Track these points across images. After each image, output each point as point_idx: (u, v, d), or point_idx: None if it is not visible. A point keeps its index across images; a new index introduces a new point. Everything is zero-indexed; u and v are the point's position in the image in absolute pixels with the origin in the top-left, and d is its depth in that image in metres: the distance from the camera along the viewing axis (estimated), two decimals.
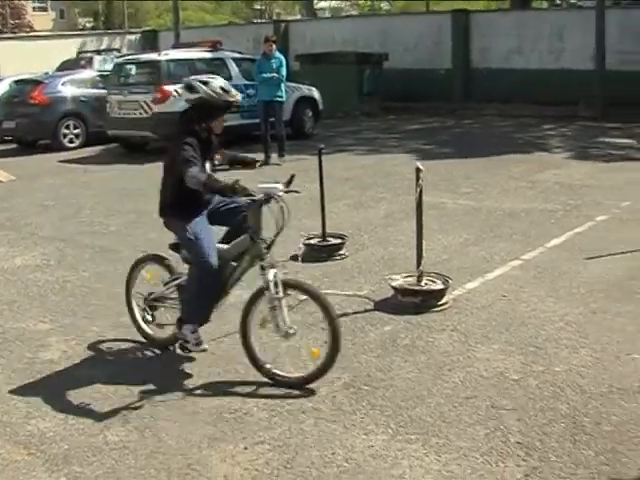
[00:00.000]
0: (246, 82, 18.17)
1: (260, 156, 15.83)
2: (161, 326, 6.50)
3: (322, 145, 9.31)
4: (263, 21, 58.60)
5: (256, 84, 16.50)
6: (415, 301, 7.20)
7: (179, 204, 6.08)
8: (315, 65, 24.75)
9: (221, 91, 5.89)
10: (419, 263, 7.33)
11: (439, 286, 7.36)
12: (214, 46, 19.17)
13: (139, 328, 6.63)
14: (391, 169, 14.75)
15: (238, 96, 5.98)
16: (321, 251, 8.94)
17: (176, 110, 17.14)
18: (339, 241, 9.18)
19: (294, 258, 8.31)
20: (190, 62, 18.26)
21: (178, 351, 6.26)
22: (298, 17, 57.68)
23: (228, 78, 18.23)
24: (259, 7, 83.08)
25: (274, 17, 65.71)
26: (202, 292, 5.89)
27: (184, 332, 5.99)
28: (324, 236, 9.15)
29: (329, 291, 7.38)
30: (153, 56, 18.55)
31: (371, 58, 25.28)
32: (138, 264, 6.80)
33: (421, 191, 7.28)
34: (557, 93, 23.66)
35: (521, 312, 7.06)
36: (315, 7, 60.55)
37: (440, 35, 27.06)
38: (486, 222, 10.47)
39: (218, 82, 5.95)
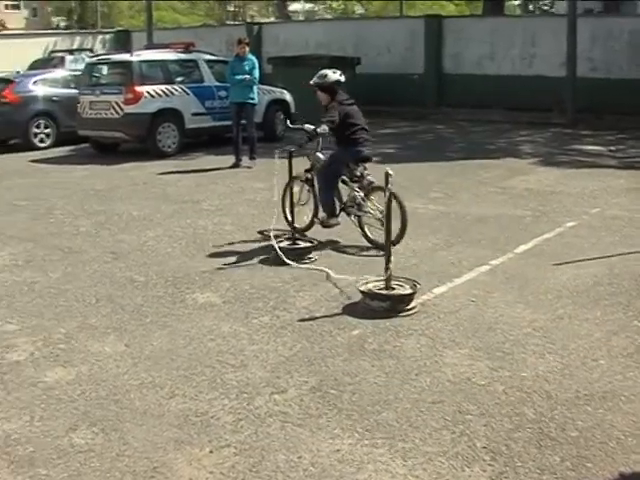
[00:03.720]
0: (218, 84, 18.24)
1: (231, 159, 15.88)
2: None
3: (292, 148, 9.30)
4: (236, 23, 58.51)
5: (228, 86, 16.44)
6: (383, 305, 7.21)
7: None
8: (288, 68, 24.66)
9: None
10: (387, 267, 7.33)
11: (407, 290, 7.36)
12: (187, 48, 19.11)
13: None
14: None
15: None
16: (292, 253, 8.91)
17: (148, 111, 17.33)
18: (308, 245, 9.18)
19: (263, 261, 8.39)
20: (163, 63, 18.24)
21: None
22: (272, 20, 57.62)
23: (200, 80, 18.30)
24: (233, 9, 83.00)
25: (247, 19, 65.62)
26: None
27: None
28: (294, 239, 9.14)
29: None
30: (125, 56, 18.43)
31: (344, 61, 25.26)
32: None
33: (390, 196, 7.30)
34: (529, 99, 23.80)
35: (489, 317, 7.08)
36: (288, 10, 60.64)
37: (413, 40, 27.12)
38: (455, 227, 10.50)
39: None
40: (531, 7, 72.22)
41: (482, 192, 12.81)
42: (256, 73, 16.05)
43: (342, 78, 9.49)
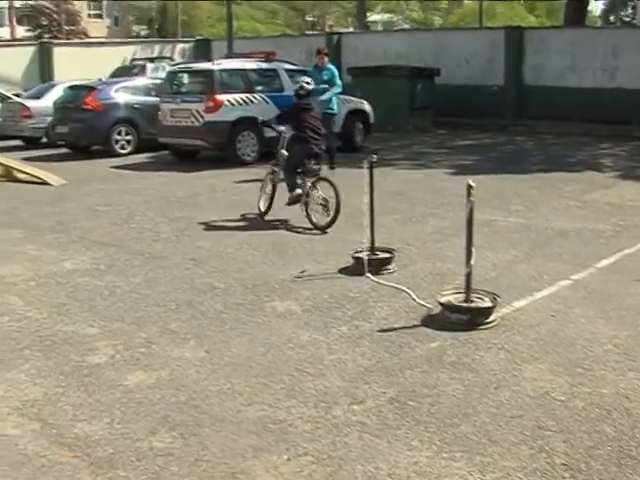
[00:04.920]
0: None
1: None
2: None
3: (374, 157, 9.29)
4: (316, 33, 58.84)
5: None
6: (463, 318, 7.19)
7: None
8: (367, 78, 24.75)
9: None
10: (468, 280, 7.31)
11: (487, 304, 7.33)
12: (268, 57, 19.25)
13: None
14: (441, 184, 14.74)
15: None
16: (371, 264, 8.92)
17: (228, 119, 17.50)
18: (387, 255, 9.18)
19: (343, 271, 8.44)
20: (243, 72, 18.41)
21: None
22: (351, 30, 57.76)
23: (280, 89, 18.37)
24: (311, 19, 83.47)
25: (327, 29, 65.89)
26: None
27: None
28: (372, 250, 9.15)
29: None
30: (206, 65, 18.70)
31: (423, 72, 25.24)
32: None
33: (472, 208, 7.27)
34: (611, 112, 23.49)
35: (569, 332, 7.01)
36: (367, 20, 60.78)
37: (493, 51, 26.96)
38: (536, 240, 10.42)
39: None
40: (612, 18, 71.36)
41: (562, 205, 12.67)
42: (337, 82, 16.11)
43: (307, 87, 12.07)
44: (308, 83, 12.20)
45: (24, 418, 5.54)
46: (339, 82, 16.33)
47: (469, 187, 7.21)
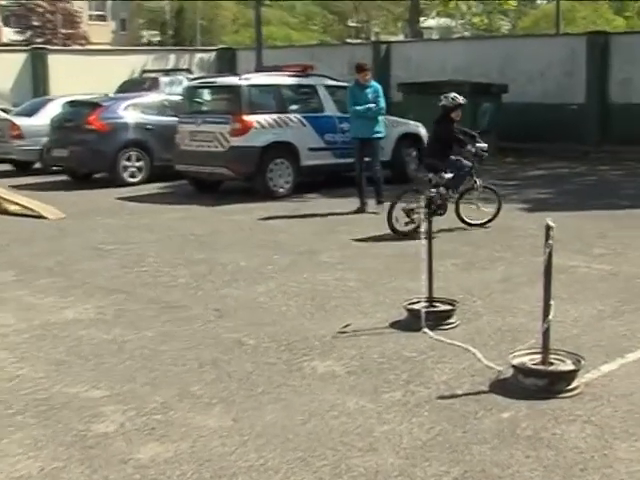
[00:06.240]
0: (340, 114, 18.33)
1: (354, 202, 16.01)
2: None
3: (433, 191, 9.34)
4: (360, 41, 59.22)
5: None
6: (540, 384, 7.16)
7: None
8: (421, 96, 24.82)
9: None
10: (546, 338, 7.29)
11: (569, 367, 7.30)
12: (305, 71, 19.38)
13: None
14: (510, 223, 14.72)
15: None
16: (430, 317, 8.92)
17: (257, 144, 17.59)
18: (448, 307, 9.18)
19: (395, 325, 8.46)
20: (276, 88, 18.56)
21: None
22: (401, 38, 58.05)
23: (319, 109, 18.48)
24: (354, 24, 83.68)
25: (372, 37, 66.24)
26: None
27: None
28: (430, 301, 9.15)
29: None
30: (232, 80, 18.86)
31: (488, 89, 25.34)
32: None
33: (551, 252, 7.27)
34: None
35: None
36: (420, 26, 60.93)
37: (572, 63, 27.01)
38: (626, 291, 10.38)
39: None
40: None
41: None
42: (382, 102, 16.18)
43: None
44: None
45: None
46: (383, 103, 16.36)
47: (548, 227, 7.22)
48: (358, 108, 15.95)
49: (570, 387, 7.16)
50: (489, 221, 14.50)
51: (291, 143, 17.95)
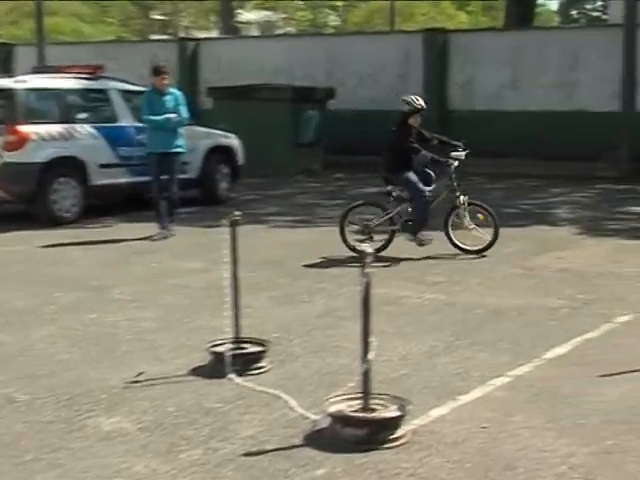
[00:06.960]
0: (139, 125, 18.09)
1: (152, 227, 15.95)
2: None
3: (238, 213, 9.36)
4: (164, 38, 58.94)
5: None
6: (359, 433, 7.21)
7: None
8: (235, 102, 24.92)
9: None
10: (366, 381, 7.37)
11: (393, 413, 7.38)
12: (94, 72, 19.19)
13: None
14: (334, 248, 14.80)
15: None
16: (237, 361, 8.93)
17: (37, 160, 17.30)
18: (258, 349, 9.21)
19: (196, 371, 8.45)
20: (59, 93, 18.29)
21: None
22: (215, 34, 57.90)
23: (112, 118, 18.35)
24: (160, 17, 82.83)
25: (182, 33, 65.95)
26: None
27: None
28: (238, 342, 9.17)
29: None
30: (5, 82, 18.39)
31: (313, 94, 25.55)
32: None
33: (368, 283, 7.34)
34: (568, 144, 24.08)
35: (507, 450, 7.09)
36: (236, 20, 60.98)
37: (407, 64, 27.42)
38: (461, 323, 10.60)
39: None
40: (575, 13, 73.25)
41: (499, 274, 12.95)
42: (184, 110, 16.12)
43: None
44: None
45: None
46: (186, 113, 16.32)
47: (364, 255, 7.30)
48: (156, 118, 15.87)
49: (394, 436, 7.24)
50: (487, 247, 14.43)
51: (78, 158, 17.72)
